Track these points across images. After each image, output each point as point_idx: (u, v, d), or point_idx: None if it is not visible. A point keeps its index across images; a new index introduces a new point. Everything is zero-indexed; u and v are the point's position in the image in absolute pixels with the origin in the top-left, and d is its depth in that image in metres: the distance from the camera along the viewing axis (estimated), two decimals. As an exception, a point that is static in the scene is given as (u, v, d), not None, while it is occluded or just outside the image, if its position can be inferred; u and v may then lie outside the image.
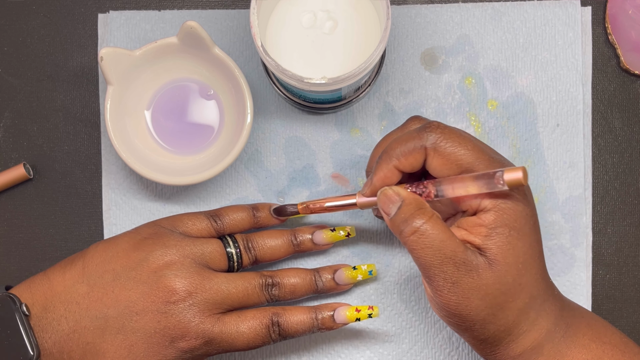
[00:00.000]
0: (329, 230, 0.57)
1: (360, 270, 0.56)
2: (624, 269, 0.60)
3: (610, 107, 0.60)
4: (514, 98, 0.60)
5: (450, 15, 0.60)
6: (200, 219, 0.55)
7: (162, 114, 0.59)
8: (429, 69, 0.60)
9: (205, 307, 0.52)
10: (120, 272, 0.52)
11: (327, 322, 0.54)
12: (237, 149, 0.55)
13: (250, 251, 0.55)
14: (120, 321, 0.51)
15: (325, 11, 0.54)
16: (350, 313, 0.54)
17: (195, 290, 0.52)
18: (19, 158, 0.60)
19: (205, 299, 0.52)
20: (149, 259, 0.52)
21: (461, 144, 0.48)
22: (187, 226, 0.55)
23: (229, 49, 0.60)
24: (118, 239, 0.54)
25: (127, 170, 0.60)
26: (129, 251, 0.52)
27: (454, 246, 0.46)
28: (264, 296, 0.54)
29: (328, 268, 0.57)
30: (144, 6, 0.61)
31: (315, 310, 0.54)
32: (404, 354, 0.59)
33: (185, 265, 0.52)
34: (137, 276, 0.52)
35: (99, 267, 0.52)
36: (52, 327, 0.51)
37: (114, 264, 0.52)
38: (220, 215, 0.56)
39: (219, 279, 0.53)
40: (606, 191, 0.60)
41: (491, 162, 0.47)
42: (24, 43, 0.61)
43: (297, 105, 0.59)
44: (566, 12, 0.60)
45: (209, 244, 0.54)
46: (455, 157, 0.48)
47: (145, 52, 0.56)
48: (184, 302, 0.51)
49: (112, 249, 0.53)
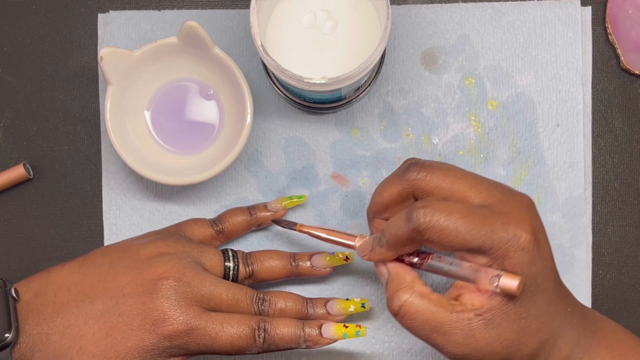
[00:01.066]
0: (328, 255, 0.57)
1: (353, 302, 0.56)
2: (624, 269, 0.60)
3: (610, 107, 0.60)
4: (514, 98, 0.60)
5: (450, 15, 0.60)
6: (203, 224, 0.57)
7: (162, 114, 0.59)
8: (429, 69, 0.60)
9: (191, 297, 0.51)
10: (116, 262, 0.52)
11: (314, 336, 0.53)
12: (237, 149, 0.55)
13: (248, 266, 0.55)
14: (106, 304, 0.51)
15: (325, 11, 0.54)
16: (337, 329, 0.53)
17: (184, 279, 0.51)
18: (19, 158, 0.60)
19: (192, 290, 0.51)
20: (146, 248, 0.53)
21: (453, 222, 0.45)
22: (191, 230, 0.56)
23: (229, 49, 0.60)
24: (122, 241, 0.55)
25: (127, 170, 0.60)
26: (129, 245, 0.54)
27: (440, 318, 0.46)
28: (253, 308, 0.53)
29: (321, 299, 0.56)
30: (144, 6, 0.61)
31: (303, 323, 0.53)
32: (404, 354, 0.59)
33: (179, 257, 0.52)
34: (131, 264, 0.52)
35: (97, 259, 0.53)
36: (38, 311, 0.51)
37: (112, 256, 0.53)
38: (219, 218, 0.57)
39: (210, 277, 0.52)
40: (606, 191, 0.60)
41: (488, 237, 0.45)
42: (24, 43, 0.61)
43: (297, 105, 0.59)
44: (566, 12, 0.60)
45: (209, 250, 0.55)
46: (450, 244, 0.45)
47: (145, 52, 0.56)
48: (171, 288, 0.50)
49: (115, 245, 0.55)
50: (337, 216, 0.60)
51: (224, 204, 0.60)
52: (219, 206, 0.60)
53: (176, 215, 0.60)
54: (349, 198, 0.60)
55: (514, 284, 0.44)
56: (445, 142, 0.60)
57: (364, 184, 0.60)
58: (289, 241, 0.60)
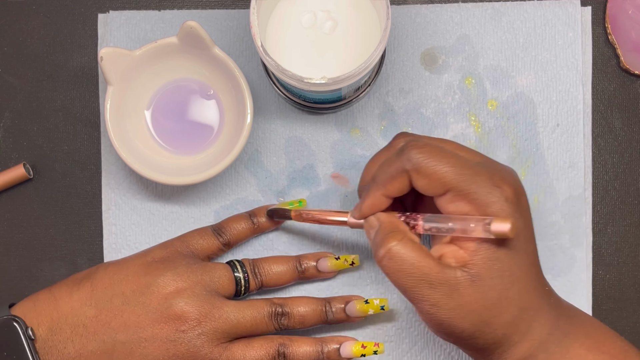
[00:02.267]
0: (334, 259, 0.57)
1: (372, 304, 0.56)
2: (624, 269, 0.60)
3: (610, 107, 0.60)
4: (514, 98, 0.60)
5: (450, 15, 0.60)
6: (207, 235, 0.56)
7: (162, 113, 0.59)
8: (429, 69, 0.60)
9: (214, 336, 0.52)
10: (130, 296, 0.52)
11: (332, 355, 0.55)
12: (237, 149, 0.55)
13: (257, 277, 0.56)
14: (129, 346, 0.51)
15: (325, 11, 0.54)
16: (356, 348, 0.55)
17: (205, 319, 0.52)
18: (19, 158, 0.60)
19: (214, 327, 0.52)
20: (158, 284, 0.52)
21: (442, 161, 0.46)
22: (197, 244, 0.56)
23: (229, 49, 0.60)
24: (128, 261, 0.54)
25: (127, 170, 0.60)
26: (139, 275, 0.53)
27: (427, 267, 0.45)
28: (273, 325, 0.55)
29: (340, 298, 0.57)
30: (144, 6, 0.61)
31: (321, 342, 0.55)
32: (404, 354, 0.59)
33: (196, 293, 0.52)
34: (146, 301, 0.52)
35: (107, 290, 0.52)
36: (57, 350, 0.51)
37: (123, 287, 0.52)
38: (223, 229, 0.57)
39: (228, 308, 0.53)
40: (606, 191, 0.60)
41: (473, 180, 0.46)
42: (24, 43, 0.61)
43: (297, 105, 0.59)
44: (566, 12, 0.60)
45: (218, 269, 0.55)
46: (438, 176, 0.46)
47: (145, 52, 0.56)
48: (194, 331, 0.52)
49: (122, 271, 0.53)
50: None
51: (224, 204, 0.60)
52: (219, 206, 0.60)
53: (176, 215, 0.60)
54: (349, 198, 0.60)
55: (507, 227, 0.43)
56: (445, 142, 0.60)
57: (364, 184, 0.60)
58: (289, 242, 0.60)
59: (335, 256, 0.57)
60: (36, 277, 0.60)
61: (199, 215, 0.60)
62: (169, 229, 0.60)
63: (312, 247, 0.59)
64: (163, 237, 0.59)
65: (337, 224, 0.53)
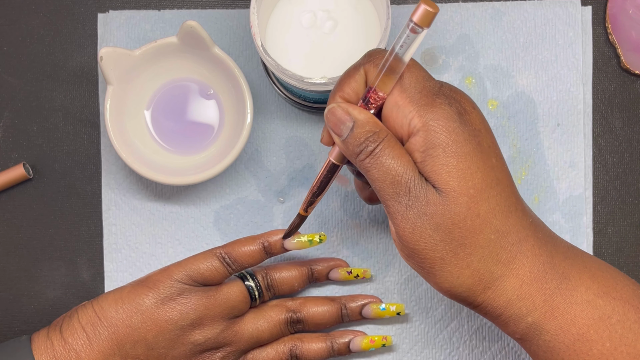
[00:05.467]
0: (345, 272, 0.58)
1: (389, 311, 0.57)
2: (624, 269, 0.60)
3: (611, 107, 0.60)
4: (514, 98, 0.60)
5: (450, 15, 0.60)
6: (212, 261, 0.54)
7: (162, 113, 0.59)
8: (429, 69, 0.60)
9: (236, 356, 0.55)
10: (153, 342, 0.52)
11: (342, 350, 0.56)
12: (237, 149, 0.55)
13: (269, 290, 0.56)
14: None
15: (325, 11, 0.54)
16: (365, 342, 0.56)
17: (228, 346, 0.54)
18: (19, 158, 0.60)
19: (236, 350, 0.55)
20: (182, 326, 0.52)
21: None
22: (203, 274, 0.53)
23: (229, 49, 0.60)
24: (138, 298, 0.52)
25: (127, 170, 0.60)
26: (158, 319, 0.52)
27: (409, 171, 0.43)
28: (288, 331, 0.56)
29: (355, 298, 0.57)
30: (144, 6, 0.61)
31: (331, 338, 0.56)
32: (404, 354, 0.59)
33: (217, 330, 0.53)
34: (170, 345, 0.52)
35: (128, 337, 0.51)
36: None
37: (145, 333, 0.52)
38: (233, 260, 0.54)
39: (246, 327, 0.55)
40: (606, 191, 0.60)
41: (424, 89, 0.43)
42: (23, 43, 0.61)
43: (297, 105, 0.59)
44: (566, 11, 0.60)
45: (232, 292, 0.54)
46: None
47: (145, 52, 0.56)
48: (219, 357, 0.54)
49: (137, 315, 0.52)
50: (337, 216, 0.60)
51: (224, 203, 0.60)
52: (219, 206, 0.60)
53: (176, 215, 0.60)
54: (349, 198, 0.60)
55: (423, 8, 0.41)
56: (446, 142, 0.60)
57: (364, 183, 0.60)
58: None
59: (348, 270, 0.58)
60: (36, 277, 0.60)
61: (199, 215, 0.60)
62: (169, 229, 0.60)
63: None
64: (163, 237, 0.59)
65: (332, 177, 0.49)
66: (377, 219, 0.60)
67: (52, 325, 0.52)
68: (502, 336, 0.59)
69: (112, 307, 0.52)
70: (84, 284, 0.60)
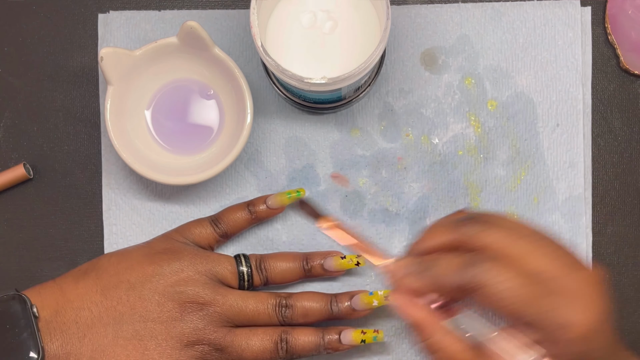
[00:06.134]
0: (340, 258, 0.57)
1: (377, 295, 0.56)
2: (624, 269, 0.60)
3: (610, 107, 0.60)
4: (514, 98, 0.60)
5: (450, 15, 0.60)
6: (204, 225, 0.57)
7: (162, 114, 0.59)
8: (429, 69, 0.60)
9: (218, 319, 0.53)
10: (136, 283, 0.53)
11: (333, 343, 0.55)
12: (237, 149, 0.55)
13: (261, 272, 0.56)
14: (134, 327, 0.52)
15: (325, 11, 0.54)
16: (356, 335, 0.55)
17: (209, 304, 0.53)
18: (19, 158, 0.60)
19: (219, 312, 0.53)
20: (164, 273, 0.53)
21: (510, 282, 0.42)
22: (194, 234, 0.56)
23: (229, 49, 0.60)
24: (131, 251, 0.55)
25: (127, 170, 0.60)
26: (144, 264, 0.53)
27: None
28: (276, 317, 0.55)
29: (346, 294, 0.57)
30: (144, 6, 0.61)
31: (322, 331, 0.55)
32: (404, 354, 0.59)
33: (201, 282, 0.53)
34: (153, 288, 0.53)
35: (113, 278, 0.53)
36: (61, 331, 0.51)
37: (129, 276, 0.53)
38: (220, 219, 0.57)
39: (232, 296, 0.54)
40: (606, 191, 0.60)
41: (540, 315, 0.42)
42: (24, 43, 0.61)
43: (297, 105, 0.59)
44: (566, 12, 0.60)
45: (222, 261, 0.55)
46: (507, 306, 0.42)
47: (145, 52, 0.56)
48: (198, 313, 0.53)
49: (126, 261, 0.54)
50: (337, 216, 0.60)
51: (224, 203, 0.60)
52: (219, 206, 0.60)
53: (176, 215, 0.60)
54: (349, 198, 0.60)
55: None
56: (445, 142, 0.60)
57: (364, 184, 0.60)
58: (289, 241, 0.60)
59: (342, 255, 0.57)
60: (36, 277, 0.60)
61: (198, 215, 0.60)
62: (169, 228, 0.60)
63: (314, 247, 0.60)
64: (163, 237, 0.60)
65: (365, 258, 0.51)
66: (377, 219, 0.60)
67: None
68: (502, 336, 0.59)
69: (106, 257, 0.55)
70: (84, 284, 0.60)
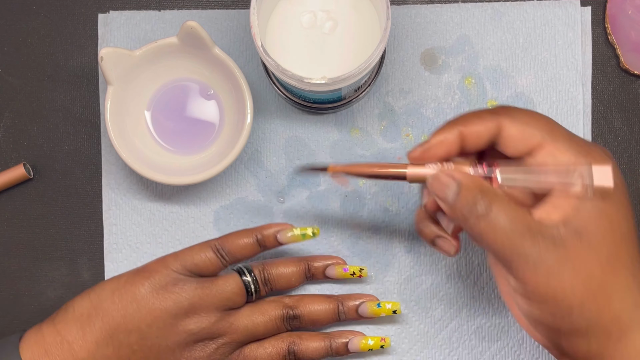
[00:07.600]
0: (341, 269, 0.57)
1: (384, 309, 0.57)
2: (623, 269, 0.60)
3: (610, 107, 0.60)
4: (514, 98, 0.60)
5: (450, 15, 0.60)
6: (207, 252, 0.54)
7: (162, 113, 0.59)
8: (429, 69, 0.60)
9: (230, 347, 0.54)
10: (146, 331, 0.52)
11: (340, 349, 0.56)
12: (237, 149, 0.55)
13: (266, 284, 0.56)
14: None
15: (325, 11, 0.54)
16: (364, 343, 0.56)
17: (222, 337, 0.54)
18: (19, 158, 0.60)
19: (231, 341, 0.54)
20: (174, 315, 0.52)
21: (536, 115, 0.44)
22: (196, 263, 0.53)
23: (229, 49, 0.60)
24: (134, 288, 0.52)
25: (127, 170, 0.60)
26: (152, 308, 0.52)
27: (527, 223, 0.41)
28: (284, 327, 0.56)
29: (352, 297, 0.57)
30: (144, 6, 0.61)
31: (330, 338, 0.56)
32: (404, 354, 0.59)
33: (211, 320, 0.53)
34: (164, 335, 0.52)
35: (121, 327, 0.51)
36: None
37: (139, 322, 0.52)
38: (224, 248, 0.54)
39: (241, 319, 0.54)
40: (606, 191, 0.60)
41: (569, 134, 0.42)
42: (24, 43, 0.61)
43: (297, 105, 0.59)
44: (566, 12, 0.60)
45: (228, 284, 0.54)
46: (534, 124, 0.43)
47: (145, 52, 0.56)
48: (212, 345, 0.54)
49: (132, 304, 0.52)
50: (337, 216, 0.60)
51: (224, 203, 0.60)
52: (219, 206, 0.60)
53: (176, 215, 0.60)
54: (349, 198, 0.60)
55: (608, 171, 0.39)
56: (445, 142, 0.60)
57: (364, 184, 0.60)
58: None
59: (344, 266, 0.57)
60: (36, 277, 0.60)
61: (199, 215, 0.60)
62: (169, 229, 0.60)
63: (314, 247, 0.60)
64: (163, 237, 0.60)
65: (393, 178, 0.47)
66: (377, 219, 0.60)
67: (48, 319, 0.53)
68: (502, 336, 0.59)
69: (109, 297, 0.52)
70: (85, 284, 0.60)
